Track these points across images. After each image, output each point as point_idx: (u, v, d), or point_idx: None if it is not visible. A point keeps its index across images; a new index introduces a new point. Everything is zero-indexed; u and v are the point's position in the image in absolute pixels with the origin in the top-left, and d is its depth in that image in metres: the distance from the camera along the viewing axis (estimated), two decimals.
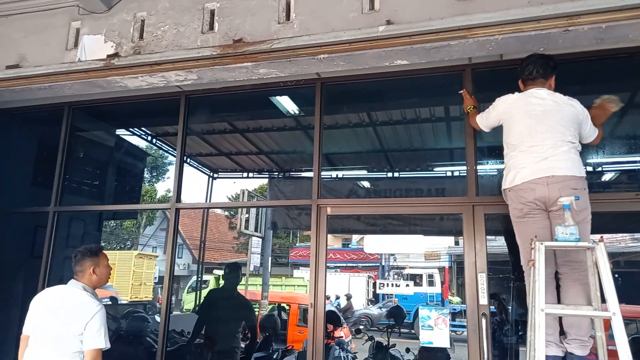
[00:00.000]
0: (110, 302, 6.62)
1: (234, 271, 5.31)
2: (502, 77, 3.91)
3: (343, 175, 9.40)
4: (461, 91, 3.55)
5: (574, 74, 3.75)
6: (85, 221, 6.22)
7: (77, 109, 5.02)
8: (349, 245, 26.71)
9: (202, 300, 5.74)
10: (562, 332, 2.80)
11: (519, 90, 3.09)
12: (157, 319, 7.41)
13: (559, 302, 2.79)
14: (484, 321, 3.36)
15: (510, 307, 5.87)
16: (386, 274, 22.28)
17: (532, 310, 2.53)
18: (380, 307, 18.11)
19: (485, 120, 3.21)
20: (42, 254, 4.68)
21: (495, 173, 4.40)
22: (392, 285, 17.02)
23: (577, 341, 2.70)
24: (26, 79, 4.31)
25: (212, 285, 16.77)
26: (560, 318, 2.78)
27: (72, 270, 2.94)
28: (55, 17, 4.41)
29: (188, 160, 8.12)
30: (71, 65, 4.15)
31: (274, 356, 6.65)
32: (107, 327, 2.79)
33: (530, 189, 2.79)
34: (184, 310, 16.96)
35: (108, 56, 4.06)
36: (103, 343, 2.72)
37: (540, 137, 2.82)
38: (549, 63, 3.00)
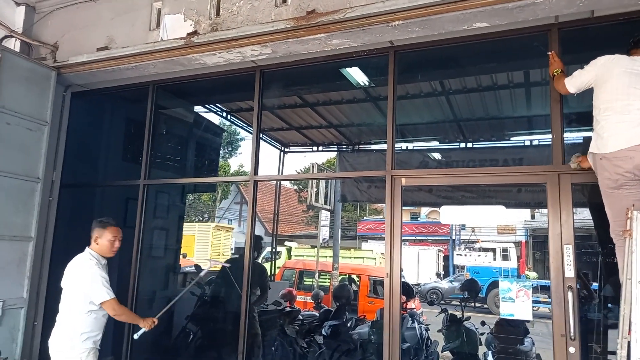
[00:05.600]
0: (195, 270, 7.05)
1: None
2: (592, 36, 3.62)
3: (413, 147, 9.23)
4: (549, 52, 3.31)
5: None
6: (169, 194, 6.61)
7: (160, 88, 5.28)
8: (418, 219, 26.43)
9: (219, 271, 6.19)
10: None
11: (612, 52, 2.82)
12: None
13: None
14: (570, 295, 3.22)
15: (594, 283, 5.57)
16: (457, 247, 21.84)
17: (626, 283, 2.39)
18: (450, 281, 17.82)
19: (577, 79, 2.91)
20: (134, 224, 5.02)
21: (582, 141, 4.12)
22: (470, 256, 16.58)
23: None
24: (115, 60, 4.60)
25: (284, 255, 17.35)
26: None
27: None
28: None
29: (261, 134, 8.38)
30: (155, 44, 4.37)
31: (348, 324, 6.80)
32: (104, 280, 3.26)
33: (629, 157, 2.56)
34: None
35: (188, 34, 4.23)
36: (106, 295, 3.21)
37: (638, 95, 2.59)
38: None
